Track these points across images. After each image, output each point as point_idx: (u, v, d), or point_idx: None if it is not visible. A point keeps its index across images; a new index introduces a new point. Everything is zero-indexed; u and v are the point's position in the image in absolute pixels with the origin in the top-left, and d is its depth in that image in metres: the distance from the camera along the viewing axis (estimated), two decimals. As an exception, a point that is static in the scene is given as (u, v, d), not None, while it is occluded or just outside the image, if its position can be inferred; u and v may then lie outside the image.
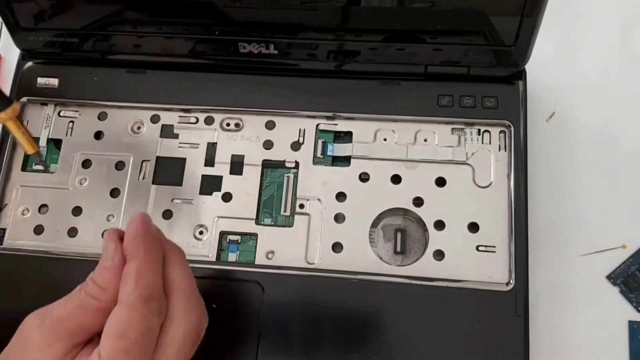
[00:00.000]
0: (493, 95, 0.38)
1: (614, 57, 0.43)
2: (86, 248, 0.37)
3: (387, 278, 0.35)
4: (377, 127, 0.38)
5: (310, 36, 0.37)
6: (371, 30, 0.36)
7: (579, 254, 0.39)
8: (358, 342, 0.34)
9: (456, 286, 0.34)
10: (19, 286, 0.37)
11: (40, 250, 0.37)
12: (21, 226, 0.38)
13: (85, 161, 0.39)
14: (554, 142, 0.41)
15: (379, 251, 0.36)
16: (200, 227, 0.37)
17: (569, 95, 0.42)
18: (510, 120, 0.37)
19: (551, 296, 0.38)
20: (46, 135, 0.40)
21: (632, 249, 0.38)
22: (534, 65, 0.37)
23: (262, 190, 0.38)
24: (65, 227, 0.38)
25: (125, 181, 0.39)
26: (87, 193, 0.39)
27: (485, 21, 0.34)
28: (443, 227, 0.36)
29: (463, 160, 0.37)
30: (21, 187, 0.39)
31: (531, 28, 0.34)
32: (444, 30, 0.35)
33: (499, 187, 0.36)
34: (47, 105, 0.41)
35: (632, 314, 0.37)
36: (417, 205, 0.37)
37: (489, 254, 0.35)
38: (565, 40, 0.44)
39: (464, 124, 0.38)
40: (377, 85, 0.39)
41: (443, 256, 0.35)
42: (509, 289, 0.34)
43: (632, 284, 0.38)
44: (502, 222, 0.36)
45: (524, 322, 0.33)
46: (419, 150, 0.38)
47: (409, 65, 0.38)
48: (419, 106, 0.38)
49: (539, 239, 0.38)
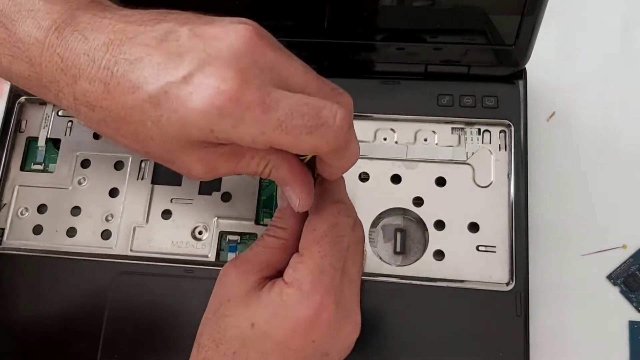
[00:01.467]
0: (493, 94, 0.38)
1: (614, 57, 0.43)
2: (85, 248, 0.37)
3: (387, 278, 0.35)
4: (377, 127, 0.38)
5: (309, 36, 0.37)
6: (371, 30, 0.36)
7: (579, 254, 0.39)
8: (358, 342, 0.33)
9: (456, 286, 0.34)
10: (18, 286, 0.36)
11: (39, 250, 0.37)
12: (20, 226, 0.38)
13: (84, 161, 0.39)
14: (554, 142, 0.41)
15: (379, 251, 0.36)
16: (200, 227, 0.37)
17: (569, 95, 0.42)
18: (510, 119, 0.37)
19: (551, 296, 0.38)
20: (45, 135, 0.40)
21: (633, 249, 0.38)
22: (534, 65, 0.37)
23: (262, 190, 0.38)
24: (64, 227, 0.38)
25: (125, 181, 0.38)
26: (86, 193, 0.38)
27: (485, 20, 0.34)
28: (443, 227, 0.36)
29: (463, 160, 0.37)
30: (20, 187, 0.39)
31: (531, 27, 0.34)
32: (444, 29, 0.35)
33: (499, 187, 0.36)
34: (46, 105, 0.41)
35: (632, 314, 0.37)
36: (417, 205, 0.36)
37: (489, 253, 0.35)
38: (566, 40, 0.44)
39: (464, 124, 0.38)
40: (377, 84, 0.39)
41: (443, 256, 0.35)
42: (509, 289, 0.34)
43: (633, 283, 0.37)
44: (502, 222, 0.36)
45: (524, 322, 0.33)
46: (419, 150, 0.38)
47: (409, 64, 0.38)
48: (419, 105, 0.38)
49: (539, 238, 0.38)
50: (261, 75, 0.22)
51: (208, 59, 0.22)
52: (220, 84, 0.21)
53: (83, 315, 0.36)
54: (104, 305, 0.35)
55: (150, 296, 0.35)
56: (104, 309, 0.35)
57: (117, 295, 0.36)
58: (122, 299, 0.35)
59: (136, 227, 0.37)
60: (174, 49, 0.22)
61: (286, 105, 0.22)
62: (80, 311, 0.36)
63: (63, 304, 0.36)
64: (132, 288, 0.36)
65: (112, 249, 0.37)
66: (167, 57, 0.22)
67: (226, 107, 0.21)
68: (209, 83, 0.21)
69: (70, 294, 0.36)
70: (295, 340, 0.26)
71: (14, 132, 0.40)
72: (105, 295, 0.36)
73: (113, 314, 0.35)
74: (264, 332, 0.26)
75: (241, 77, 0.22)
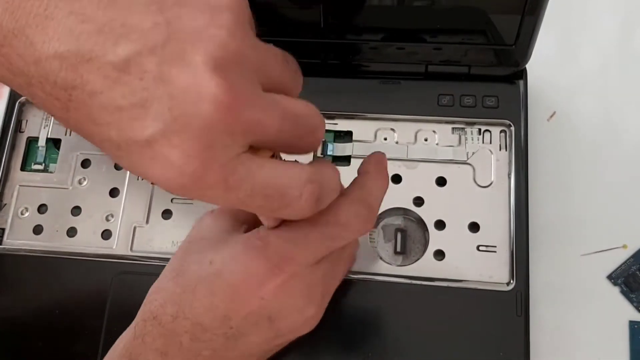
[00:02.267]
0: (494, 94, 0.38)
1: (614, 56, 0.43)
2: (85, 248, 0.37)
3: (387, 278, 0.35)
4: (377, 127, 0.38)
5: (308, 36, 0.37)
6: (371, 29, 0.36)
7: (579, 254, 0.39)
8: (358, 342, 0.33)
9: (456, 286, 0.34)
10: (18, 286, 0.36)
11: (39, 250, 0.37)
12: (20, 226, 0.38)
13: (85, 161, 0.39)
14: (555, 142, 0.41)
15: (379, 251, 0.36)
16: (200, 226, 0.37)
17: (569, 94, 0.42)
18: (510, 119, 0.37)
19: (551, 296, 0.38)
20: (45, 135, 0.40)
21: (633, 249, 0.38)
22: (534, 65, 0.37)
23: (262, 190, 0.38)
24: (65, 227, 0.38)
25: (125, 181, 0.38)
26: (86, 193, 0.38)
27: (485, 20, 0.34)
28: (443, 227, 0.36)
29: (463, 159, 0.37)
30: (20, 187, 0.39)
31: (532, 27, 0.34)
32: (444, 29, 0.35)
33: (499, 187, 0.36)
34: (46, 105, 0.41)
35: (632, 314, 0.37)
36: (417, 205, 0.36)
37: (489, 253, 0.35)
38: (566, 39, 0.44)
39: (464, 124, 0.38)
40: (377, 84, 0.39)
41: (443, 256, 0.35)
42: (510, 288, 0.34)
43: (633, 284, 0.37)
44: (503, 221, 0.36)
45: (524, 322, 0.33)
46: (419, 150, 0.38)
47: (409, 64, 0.38)
48: (419, 105, 0.38)
49: (539, 238, 0.38)
50: (231, 144, 0.20)
51: (173, 125, 0.19)
52: (183, 162, 0.19)
53: (83, 315, 0.36)
54: (104, 305, 0.35)
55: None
56: (104, 309, 0.35)
57: (117, 295, 0.36)
58: (122, 299, 0.35)
59: (136, 227, 0.37)
60: (137, 91, 0.19)
61: (249, 187, 0.21)
62: (81, 311, 0.36)
63: (63, 304, 0.36)
64: (132, 288, 0.36)
65: (113, 248, 0.37)
66: (128, 103, 0.19)
67: (186, 186, 0.20)
68: (171, 157, 0.19)
69: (70, 294, 0.36)
70: (244, 288, 0.26)
71: (14, 132, 0.40)
72: (105, 295, 0.36)
73: (113, 314, 0.35)
74: (218, 271, 0.27)
75: (207, 156, 0.20)
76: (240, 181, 0.21)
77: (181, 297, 0.27)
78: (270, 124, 0.21)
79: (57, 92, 0.20)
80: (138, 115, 0.19)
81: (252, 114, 0.20)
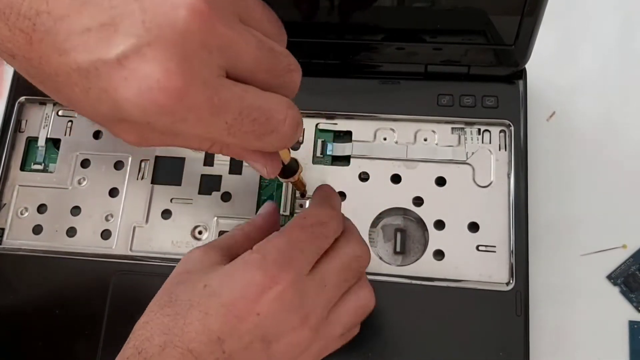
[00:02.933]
0: (493, 94, 0.38)
1: (614, 56, 0.43)
2: (85, 248, 0.37)
3: (387, 278, 0.35)
4: (377, 127, 0.38)
5: (308, 36, 0.37)
6: (371, 29, 0.36)
7: (579, 254, 0.39)
8: (357, 341, 0.33)
9: (456, 286, 0.34)
10: (18, 286, 0.36)
11: (39, 250, 0.37)
12: (20, 226, 0.38)
13: (84, 161, 0.39)
14: (554, 142, 0.41)
15: (379, 251, 0.36)
16: (200, 227, 0.37)
17: (569, 94, 0.42)
18: (510, 119, 0.37)
19: (551, 296, 0.38)
20: (45, 135, 0.40)
21: (633, 249, 0.38)
22: (534, 65, 0.37)
23: (262, 190, 0.38)
24: (64, 227, 0.38)
25: (124, 181, 0.38)
26: (86, 193, 0.39)
27: (485, 20, 0.34)
28: (443, 227, 0.36)
29: (463, 159, 0.37)
30: (20, 187, 0.39)
31: (531, 27, 0.34)
32: (444, 29, 0.35)
33: (499, 187, 0.36)
34: (46, 105, 0.41)
35: (632, 314, 0.37)
36: (417, 205, 0.36)
37: (489, 253, 0.35)
38: (566, 39, 0.44)
39: (464, 124, 0.38)
40: (376, 84, 0.39)
41: (443, 256, 0.35)
42: (509, 288, 0.34)
43: (633, 283, 0.37)
44: (502, 221, 0.36)
45: (524, 322, 0.33)
46: (419, 150, 0.38)
47: (409, 64, 0.38)
48: (418, 105, 0.38)
49: (539, 238, 0.38)
50: (209, 60, 0.19)
51: (147, 36, 0.18)
52: (161, 76, 0.18)
53: (83, 315, 0.36)
54: (104, 305, 0.35)
55: (151, 296, 0.35)
56: (104, 308, 0.35)
57: (116, 295, 0.36)
58: (122, 299, 0.36)
59: (136, 227, 0.37)
60: (105, 10, 0.18)
61: (236, 108, 0.20)
62: (80, 311, 0.36)
63: (63, 304, 0.36)
64: (132, 288, 0.36)
65: (112, 248, 0.37)
66: (97, 22, 0.18)
67: (167, 105, 0.19)
68: (147, 72, 0.18)
69: (70, 293, 0.36)
70: (240, 304, 0.25)
71: (13, 132, 0.40)
72: (105, 295, 0.36)
73: (113, 314, 0.35)
74: (213, 292, 0.26)
75: (187, 68, 0.19)
76: (227, 102, 0.20)
77: (171, 325, 0.25)
78: (245, 49, 0.20)
79: (21, 22, 0.19)
80: (107, 34, 0.18)
81: (228, 31, 0.20)
